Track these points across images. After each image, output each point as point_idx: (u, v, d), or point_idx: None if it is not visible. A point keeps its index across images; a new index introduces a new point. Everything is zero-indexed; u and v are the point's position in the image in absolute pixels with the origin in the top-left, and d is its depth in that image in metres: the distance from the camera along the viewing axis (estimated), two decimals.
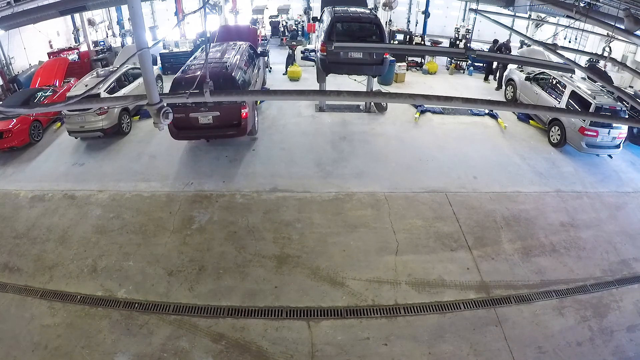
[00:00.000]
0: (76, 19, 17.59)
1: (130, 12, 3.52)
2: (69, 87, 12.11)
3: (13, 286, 6.59)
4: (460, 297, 6.33)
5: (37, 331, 5.81)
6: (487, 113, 12.48)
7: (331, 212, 8.08)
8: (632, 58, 13.96)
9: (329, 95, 4.66)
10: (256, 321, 5.94)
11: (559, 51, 7.36)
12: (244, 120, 9.42)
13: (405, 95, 6.66)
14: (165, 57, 15.90)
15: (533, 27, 17.69)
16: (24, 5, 8.39)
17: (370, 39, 10.69)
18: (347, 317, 6.00)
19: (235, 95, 5.54)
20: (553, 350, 5.58)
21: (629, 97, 5.87)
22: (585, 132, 9.66)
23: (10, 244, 7.46)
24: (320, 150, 10.24)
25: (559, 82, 10.98)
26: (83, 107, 9.31)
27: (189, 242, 7.39)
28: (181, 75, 9.54)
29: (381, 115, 12.27)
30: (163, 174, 9.34)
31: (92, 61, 15.57)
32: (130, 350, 5.54)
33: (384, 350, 5.55)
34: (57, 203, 8.50)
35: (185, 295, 6.34)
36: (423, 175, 9.32)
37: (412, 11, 20.60)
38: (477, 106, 5.53)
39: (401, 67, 14.76)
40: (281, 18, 20.82)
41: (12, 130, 10.06)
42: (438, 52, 13.17)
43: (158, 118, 3.90)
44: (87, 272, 6.81)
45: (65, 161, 10.06)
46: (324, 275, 6.68)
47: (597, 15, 7.94)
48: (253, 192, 8.68)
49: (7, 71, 14.11)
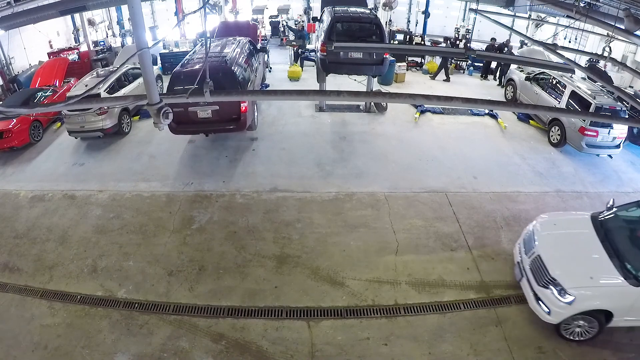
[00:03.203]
0: (76, 19, 17.59)
1: (130, 12, 3.52)
2: (69, 87, 12.12)
3: (13, 286, 6.59)
4: (460, 297, 6.33)
5: (37, 331, 5.81)
6: (487, 113, 12.48)
7: (331, 212, 8.08)
8: (632, 58, 13.96)
9: (329, 95, 4.66)
10: (256, 321, 5.94)
11: (559, 51, 7.36)
12: (243, 114, 9.36)
13: (405, 95, 6.65)
14: (165, 57, 15.90)
15: (533, 27, 17.69)
16: (24, 5, 8.40)
17: (370, 39, 10.69)
18: (347, 317, 6.00)
19: (236, 95, 5.52)
20: (553, 350, 5.59)
21: (629, 97, 5.88)
22: (585, 132, 9.65)
23: (10, 244, 7.47)
24: (320, 150, 10.24)
25: (559, 82, 10.97)
26: (83, 107, 9.34)
27: (189, 242, 7.39)
28: (180, 69, 9.48)
29: (381, 115, 12.27)
30: (163, 174, 9.34)
31: (92, 61, 15.57)
32: (130, 350, 5.54)
33: (384, 350, 5.55)
34: (57, 203, 8.50)
35: (185, 295, 6.34)
36: (423, 175, 9.32)
37: (412, 11, 20.59)
38: (477, 106, 5.53)
39: (401, 67, 14.76)
40: (281, 18, 20.82)
41: (12, 130, 10.06)
42: (438, 52, 13.16)
43: (158, 118, 3.90)
44: (87, 272, 6.81)
45: (65, 161, 10.07)
46: (324, 275, 6.68)
47: (597, 15, 7.95)
48: (253, 192, 8.68)
49: (7, 71, 14.12)
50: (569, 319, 5.68)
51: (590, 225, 6.47)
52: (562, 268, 5.86)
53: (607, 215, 6.60)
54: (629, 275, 5.57)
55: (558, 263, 5.93)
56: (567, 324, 5.75)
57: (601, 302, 5.54)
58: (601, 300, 5.55)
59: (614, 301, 5.55)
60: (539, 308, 5.84)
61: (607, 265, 5.78)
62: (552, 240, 6.41)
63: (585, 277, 5.68)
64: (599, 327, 5.65)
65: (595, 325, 5.65)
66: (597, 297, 5.58)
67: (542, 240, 6.32)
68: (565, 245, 6.39)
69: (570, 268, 5.88)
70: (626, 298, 5.53)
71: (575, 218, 6.92)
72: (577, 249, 6.24)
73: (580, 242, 6.30)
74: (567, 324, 5.76)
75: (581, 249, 6.20)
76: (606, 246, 6.03)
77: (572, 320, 5.69)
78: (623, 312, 5.58)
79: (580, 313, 5.61)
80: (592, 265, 5.89)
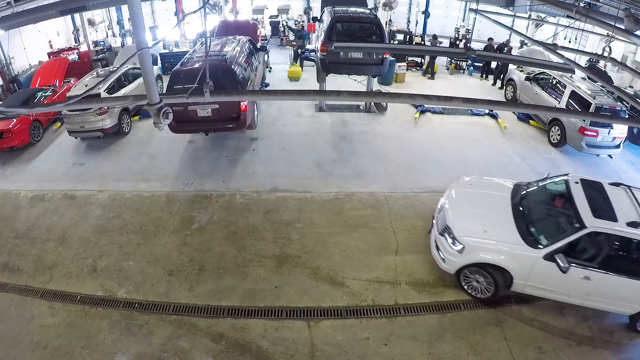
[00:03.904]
0: (76, 19, 17.59)
1: (130, 12, 3.52)
2: (69, 87, 12.12)
3: (13, 286, 6.60)
4: (460, 297, 6.32)
5: (37, 331, 5.81)
6: (487, 113, 12.48)
7: (331, 212, 8.08)
8: (632, 58, 13.96)
9: (329, 95, 4.66)
10: (256, 321, 5.94)
11: (559, 51, 7.35)
12: (243, 113, 9.34)
13: (405, 95, 6.65)
14: (165, 57, 15.90)
15: (533, 27, 17.69)
16: (24, 5, 8.41)
17: (370, 39, 10.69)
18: (347, 317, 6.00)
19: (236, 95, 5.51)
20: (553, 350, 5.59)
21: (629, 97, 5.88)
22: (586, 132, 9.66)
23: (10, 244, 7.47)
24: (320, 150, 10.24)
25: (559, 82, 10.97)
26: (83, 107, 9.33)
27: (189, 242, 7.39)
28: (180, 67, 9.46)
29: (381, 115, 12.27)
30: (163, 174, 9.33)
31: (92, 61, 15.58)
32: (130, 350, 5.54)
33: (384, 350, 5.55)
34: (57, 203, 8.50)
35: (185, 295, 6.34)
36: (423, 175, 9.31)
37: (412, 11, 20.59)
38: (477, 106, 5.53)
39: (401, 67, 14.76)
40: (281, 18, 20.83)
41: (12, 130, 10.06)
42: (438, 52, 13.15)
43: (158, 118, 3.91)
44: (87, 272, 6.81)
45: (65, 161, 10.07)
46: (324, 275, 6.68)
47: (597, 15, 7.96)
48: (253, 192, 8.68)
49: (7, 71, 14.12)
50: (466, 272, 6.18)
51: (509, 190, 6.93)
52: (460, 219, 6.37)
53: (531, 184, 6.97)
54: (528, 237, 5.92)
55: (459, 215, 6.46)
56: (467, 277, 6.24)
57: (492, 256, 5.91)
58: (492, 254, 5.91)
59: (509, 260, 5.85)
60: (437, 255, 6.44)
61: (507, 225, 6.16)
62: (464, 197, 7.00)
63: (479, 230, 6.13)
64: (495, 286, 6.00)
65: (492, 283, 6.02)
66: (489, 251, 5.95)
67: (454, 196, 6.94)
68: (475, 203, 6.90)
69: (467, 220, 6.40)
70: (523, 259, 5.81)
71: (497, 183, 7.43)
72: (484, 207, 6.72)
73: (490, 203, 6.77)
74: (467, 278, 6.25)
75: (488, 208, 6.68)
76: (515, 209, 6.43)
77: (470, 274, 6.18)
78: (522, 275, 5.86)
79: (474, 265, 6.04)
80: (492, 222, 6.32)
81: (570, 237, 5.65)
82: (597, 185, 6.48)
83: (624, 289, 5.56)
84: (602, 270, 5.53)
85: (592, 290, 5.64)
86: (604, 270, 5.52)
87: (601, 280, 5.54)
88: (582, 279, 5.59)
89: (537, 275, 5.78)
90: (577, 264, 5.58)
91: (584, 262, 5.62)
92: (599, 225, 5.62)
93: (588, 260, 5.63)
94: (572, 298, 5.87)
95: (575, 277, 5.58)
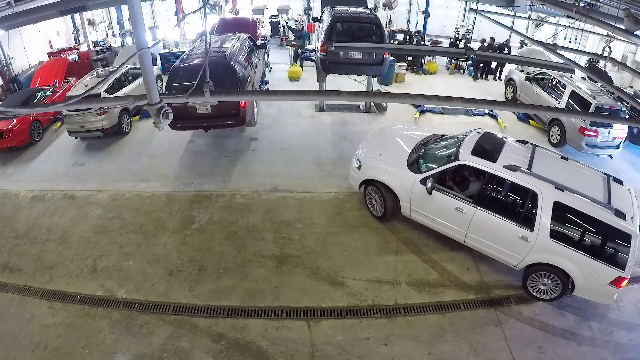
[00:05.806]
0: (76, 19, 17.57)
1: (130, 12, 3.52)
2: (69, 87, 12.11)
3: (13, 286, 6.60)
4: (460, 297, 6.33)
5: (37, 331, 5.81)
6: (487, 113, 12.47)
7: (331, 212, 8.08)
8: (632, 58, 13.97)
9: (329, 95, 4.66)
10: (256, 321, 5.94)
11: (559, 51, 7.35)
12: (242, 109, 9.30)
13: (405, 95, 6.68)
14: (165, 57, 15.88)
15: (533, 27, 17.69)
16: (24, 5, 8.41)
17: (370, 39, 10.68)
18: (347, 317, 6.01)
19: (236, 95, 5.51)
20: (553, 350, 5.59)
21: (629, 97, 5.88)
22: (585, 132, 9.65)
23: (10, 244, 7.47)
24: (320, 150, 10.24)
25: (559, 82, 10.97)
26: (83, 107, 9.30)
27: (189, 242, 7.39)
28: (179, 64, 9.42)
29: (381, 115, 12.27)
30: (163, 174, 9.33)
31: (92, 61, 15.57)
32: (130, 350, 5.54)
33: (384, 350, 5.55)
34: (57, 203, 8.50)
35: (185, 295, 6.34)
36: None
37: (412, 11, 20.57)
38: (477, 106, 5.55)
39: (401, 67, 14.76)
40: (281, 18, 20.82)
41: (12, 130, 10.06)
42: (438, 52, 13.16)
43: (158, 118, 3.90)
44: (87, 272, 6.81)
45: (65, 161, 10.07)
46: (324, 275, 6.68)
47: (597, 15, 7.95)
48: (253, 192, 8.68)
49: (7, 71, 14.12)
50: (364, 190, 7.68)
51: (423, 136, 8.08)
52: (367, 147, 7.85)
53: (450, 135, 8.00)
54: (414, 165, 7.10)
55: (366, 145, 7.97)
56: (369, 198, 7.70)
57: (380, 175, 7.25)
58: (380, 173, 7.26)
59: (394, 180, 7.12)
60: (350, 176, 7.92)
61: (401, 155, 7.42)
62: (379, 136, 8.45)
63: (375, 153, 7.56)
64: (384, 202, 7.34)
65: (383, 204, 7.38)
66: (378, 170, 7.31)
67: (372, 136, 8.52)
68: (383, 140, 8.17)
69: (370, 148, 7.80)
70: (404, 181, 6.98)
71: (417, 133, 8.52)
72: (389, 144, 7.97)
73: (398, 142, 7.97)
74: (369, 198, 7.70)
75: (394, 144, 7.93)
76: (416, 147, 7.60)
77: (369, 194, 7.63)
78: (406, 197, 7.03)
79: (368, 182, 7.46)
80: (389, 151, 7.60)
81: (443, 166, 6.66)
82: (499, 139, 7.21)
83: (498, 230, 6.15)
84: (474, 205, 6.29)
85: (470, 227, 6.39)
86: (477, 205, 6.27)
87: (475, 216, 6.28)
88: (456, 210, 6.44)
89: (417, 199, 6.82)
90: (451, 194, 6.58)
91: (457, 192, 6.61)
92: (471, 161, 6.47)
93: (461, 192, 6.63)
94: (453, 232, 6.70)
95: (449, 206, 6.51)
